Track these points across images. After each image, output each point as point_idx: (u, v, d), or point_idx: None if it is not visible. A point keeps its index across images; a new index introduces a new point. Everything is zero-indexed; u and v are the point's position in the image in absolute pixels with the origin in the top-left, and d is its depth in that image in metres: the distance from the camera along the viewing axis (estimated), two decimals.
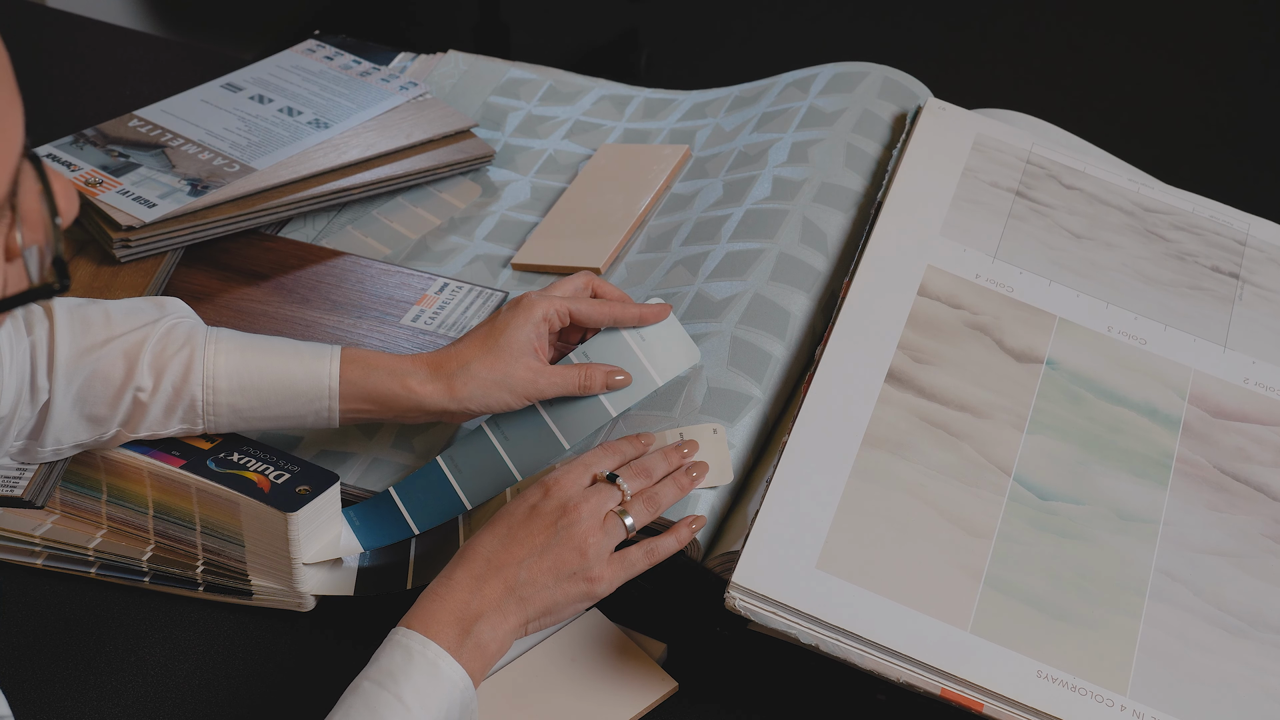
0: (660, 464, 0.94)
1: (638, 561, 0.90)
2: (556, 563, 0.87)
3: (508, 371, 0.95)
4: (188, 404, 0.93)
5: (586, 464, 0.92)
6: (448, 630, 0.84)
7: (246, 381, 0.93)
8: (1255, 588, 0.94)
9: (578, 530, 0.88)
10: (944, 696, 0.87)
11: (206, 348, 0.93)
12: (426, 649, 0.83)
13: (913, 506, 0.94)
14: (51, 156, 1.20)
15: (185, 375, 0.93)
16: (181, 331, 0.94)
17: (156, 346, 0.93)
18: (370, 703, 0.81)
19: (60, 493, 1.00)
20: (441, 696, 0.82)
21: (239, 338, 0.95)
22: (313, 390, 0.94)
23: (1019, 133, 1.22)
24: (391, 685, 0.81)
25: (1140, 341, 1.07)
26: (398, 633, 0.84)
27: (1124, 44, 2.83)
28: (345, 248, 1.21)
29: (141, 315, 0.95)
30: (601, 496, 0.90)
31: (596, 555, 0.88)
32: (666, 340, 1.00)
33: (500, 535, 0.87)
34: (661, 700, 0.92)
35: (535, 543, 0.87)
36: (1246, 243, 1.17)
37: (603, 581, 0.88)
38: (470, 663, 0.84)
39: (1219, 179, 2.00)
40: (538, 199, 1.27)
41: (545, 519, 0.88)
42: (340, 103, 1.30)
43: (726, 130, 1.28)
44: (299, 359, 0.94)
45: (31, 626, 0.97)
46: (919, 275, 1.08)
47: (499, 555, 0.87)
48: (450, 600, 0.85)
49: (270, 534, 0.93)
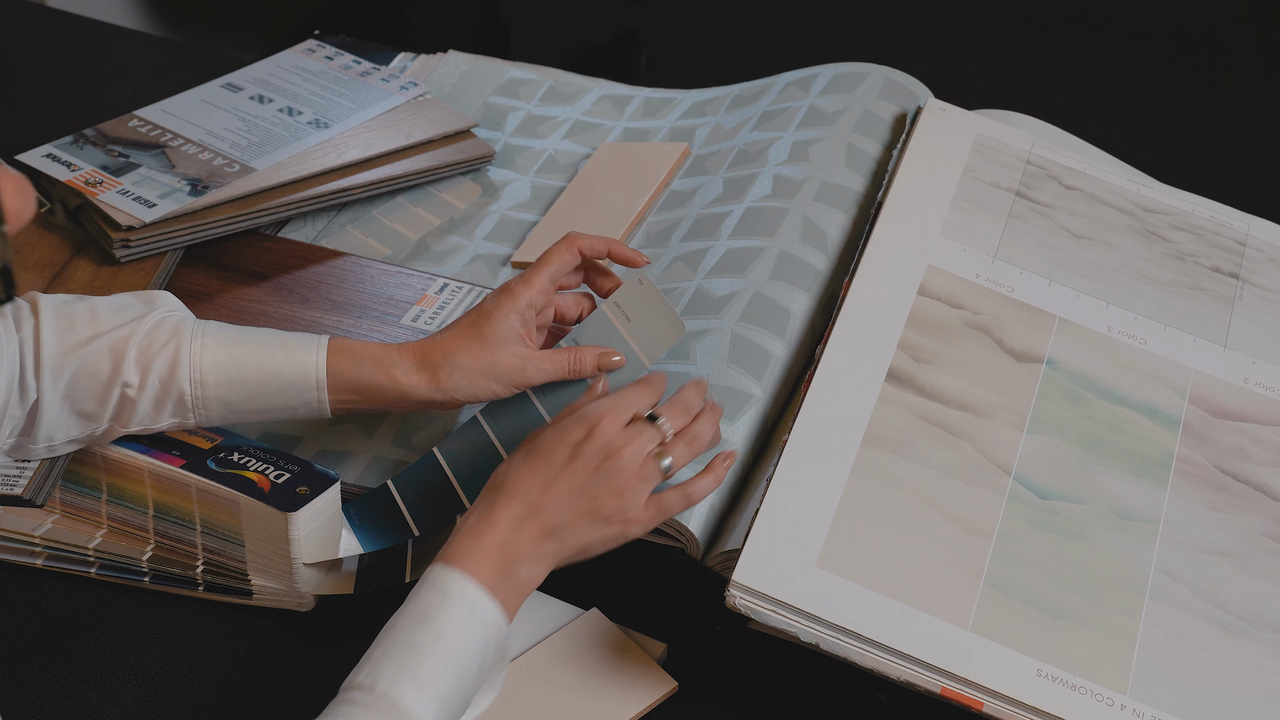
0: (696, 398, 0.93)
1: (674, 505, 0.90)
2: (595, 507, 0.87)
3: (494, 360, 0.95)
4: (176, 398, 0.93)
5: (630, 402, 0.90)
6: (486, 569, 0.84)
7: (234, 375, 0.93)
8: (1255, 588, 0.94)
9: (619, 476, 0.87)
10: (944, 695, 0.87)
11: (193, 342, 0.93)
12: (465, 587, 0.83)
13: (913, 506, 0.94)
14: (51, 156, 1.20)
15: (172, 370, 0.93)
16: (168, 326, 0.94)
17: (142, 342, 0.93)
18: (408, 639, 0.81)
19: (60, 492, 1.00)
20: (478, 634, 0.82)
21: (226, 330, 0.95)
22: (300, 382, 0.94)
23: (1019, 133, 1.22)
24: (429, 622, 0.81)
25: (1140, 341, 1.07)
26: (436, 569, 0.84)
27: (1124, 44, 2.84)
28: (345, 248, 1.21)
29: (128, 311, 0.95)
30: (643, 439, 0.89)
31: (634, 500, 0.88)
32: (651, 318, 0.99)
33: (540, 474, 0.87)
34: (661, 700, 0.92)
35: (576, 485, 0.87)
36: (1246, 243, 1.17)
37: (638, 524, 0.89)
38: (506, 600, 0.84)
39: (1219, 179, 2.01)
40: (538, 198, 1.27)
41: (588, 461, 0.87)
42: (340, 103, 1.30)
43: (726, 129, 1.28)
44: (286, 351, 0.94)
45: (31, 626, 0.97)
46: (919, 275, 1.08)
47: (539, 495, 0.86)
48: (489, 539, 0.85)
49: (270, 534, 0.93)
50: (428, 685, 0.79)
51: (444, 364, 0.95)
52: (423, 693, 0.79)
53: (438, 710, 0.80)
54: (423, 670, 0.80)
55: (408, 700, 0.79)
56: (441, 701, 0.80)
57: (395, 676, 0.79)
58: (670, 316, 0.98)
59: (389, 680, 0.79)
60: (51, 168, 1.19)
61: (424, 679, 0.79)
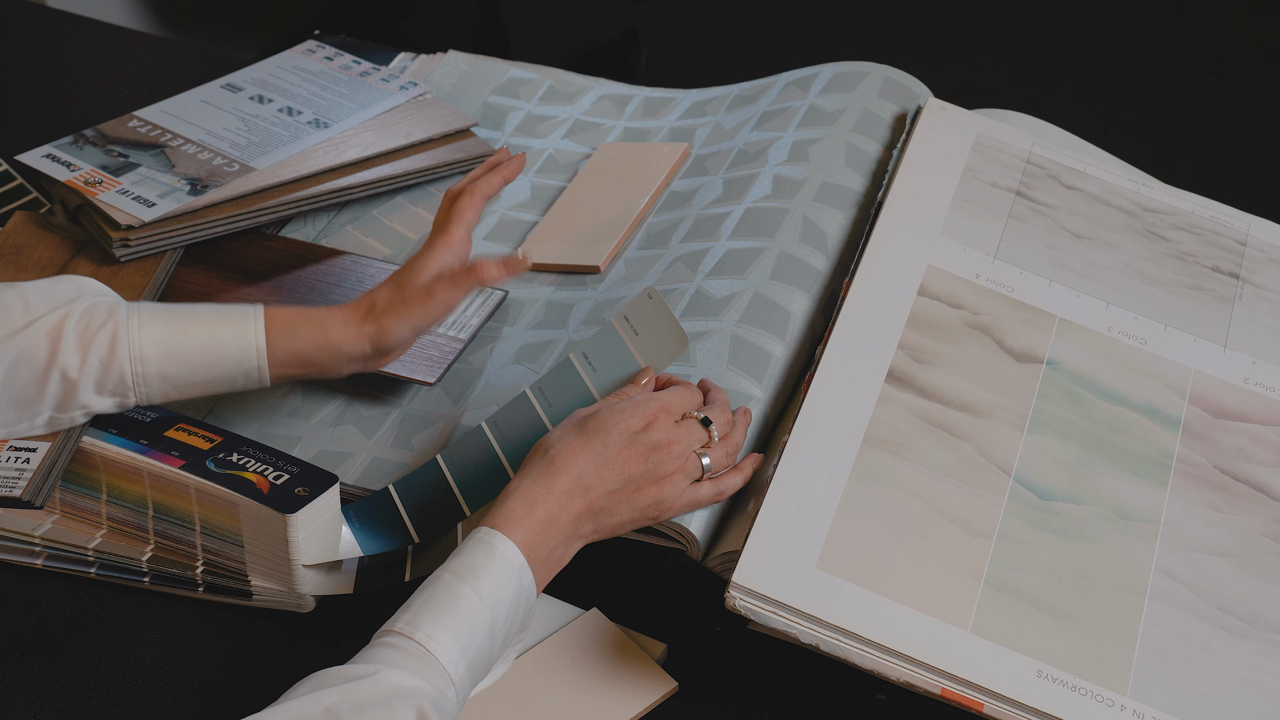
0: (729, 404, 0.97)
1: (706, 498, 0.94)
2: (638, 494, 0.90)
3: (418, 299, 1.00)
4: (117, 378, 0.94)
5: (681, 401, 0.94)
6: (530, 538, 0.86)
7: (175, 350, 0.94)
8: (1255, 588, 0.94)
9: (666, 468, 0.91)
10: (944, 696, 0.87)
11: (129, 320, 0.94)
12: (509, 552, 0.85)
13: (913, 506, 0.94)
14: (51, 157, 1.20)
15: (112, 349, 0.93)
16: (103, 309, 0.95)
17: (79, 324, 0.93)
18: (451, 594, 0.83)
19: (60, 493, 1.00)
20: (514, 599, 0.85)
21: (161, 308, 0.96)
22: (240, 352, 0.96)
23: (1019, 133, 1.22)
24: (471, 579, 0.83)
25: (1140, 341, 1.07)
26: (482, 531, 0.86)
27: (1124, 44, 2.83)
28: (345, 247, 1.21)
29: (60, 295, 0.95)
30: (693, 437, 0.93)
31: (673, 492, 0.91)
32: (657, 331, 0.99)
33: (596, 455, 0.89)
34: (661, 700, 0.92)
35: (626, 473, 0.89)
36: (1246, 243, 1.17)
37: (670, 513, 0.92)
38: (540, 572, 0.87)
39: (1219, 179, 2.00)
40: (537, 198, 1.27)
41: (641, 450, 0.90)
42: (340, 102, 1.30)
43: (726, 128, 1.28)
44: (224, 322, 0.96)
45: (31, 626, 0.97)
46: (919, 275, 1.08)
47: (590, 476, 0.88)
48: (539, 510, 0.87)
49: (269, 535, 0.93)
50: (462, 639, 0.82)
51: (374, 311, 1.00)
52: (456, 646, 0.81)
53: (466, 668, 0.82)
54: (461, 626, 0.82)
55: (444, 652, 0.81)
56: (470, 661, 0.82)
57: (433, 628, 0.81)
58: (675, 330, 0.98)
59: (427, 631, 0.81)
60: (51, 168, 1.19)
61: (460, 634, 0.82)
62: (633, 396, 0.94)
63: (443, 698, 0.79)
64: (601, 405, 0.93)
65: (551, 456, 0.89)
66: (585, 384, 0.98)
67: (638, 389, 0.96)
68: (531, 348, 1.10)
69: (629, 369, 0.98)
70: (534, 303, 1.15)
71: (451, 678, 0.81)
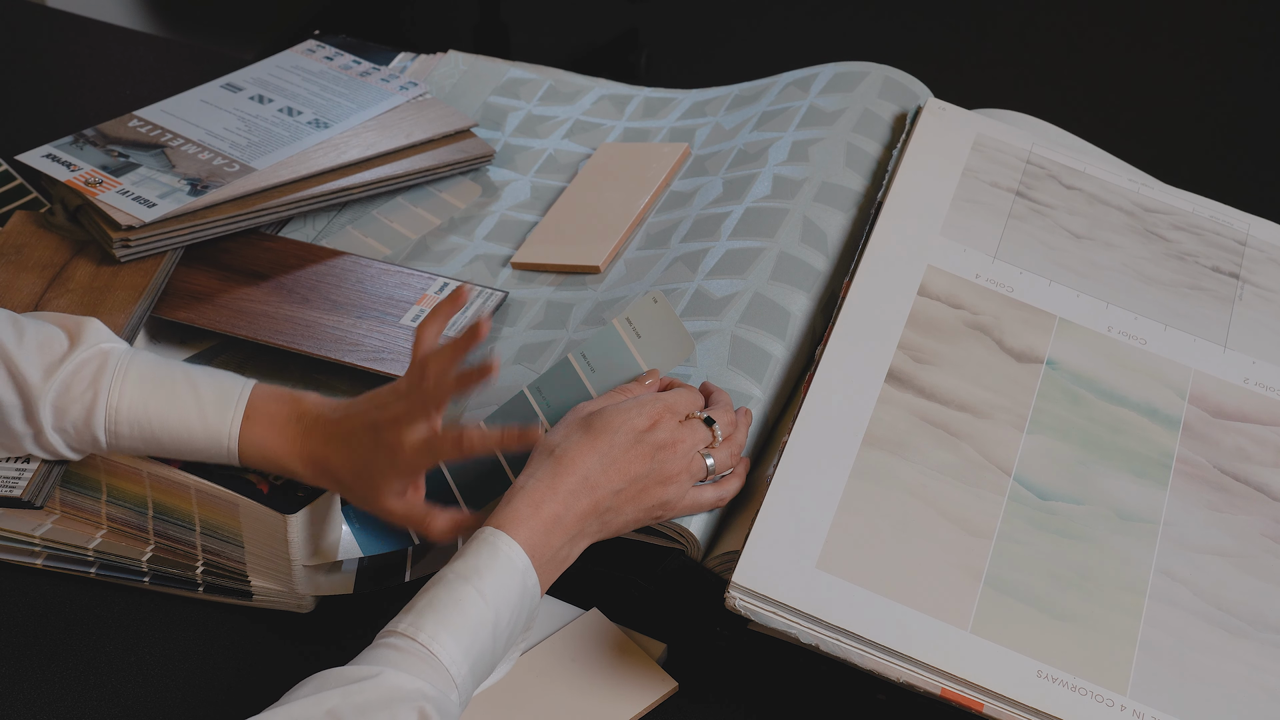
0: (731, 405, 0.96)
1: (708, 502, 0.93)
2: (643, 495, 0.90)
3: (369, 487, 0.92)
4: (90, 441, 0.93)
5: (685, 402, 0.94)
6: (535, 538, 0.86)
7: (147, 433, 0.93)
8: (1255, 588, 0.94)
9: (671, 468, 0.91)
10: (944, 696, 0.87)
11: (111, 391, 0.92)
12: (513, 553, 0.85)
13: (913, 506, 0.94)
14: (51, 157, 1.20)
15: (87, 419, 0.92)
16: (88, 374, 0.93)
17: (60, 388, 0.92)
18: (454, 595, 0.82)
19: (60, 493, 1.00)
20: (518, 600, 0.84)
21: (146, 382, 0.93)
22: (211, 447, 0.93)
23: (1019, 133, 1.22)
24: (475, 580, 0.83)
25: (1140, 341, 1.07)
26: (486, 532, 0.85)
27: (1124, 44, 2.83)
28: (345, 248, 1.21)
29: (50, 352, 0.93)
30: (698, 437, 0.92)
31: (677, 492, 0.91)
32: (661, 335, 0.99)
33: (602, 454, 0.89)
34: (661, 700, 0.92)
35: (632, 472, 0.89)
36: (1246, 243, 1.17)
37: (674, 513, 0.92)
38: (545, 573, 0.87)
39: (1219, 179, 2.00)
40: (538, 198, 1.27)
41: (646, 449, 0.90)
42: (340, 103, 1.30)
43: (726, 129, 1.28)
44: (200, 415, 0.92)
45: (31, 626, 0.97)
46: (919, 275, 1.08)
47: (596, 476, 0.88)
48: (544, 510, 0.87)
49: (269, 536, 0.93)
50: (465, 641, 0.81)
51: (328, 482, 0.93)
52: (459, 647, 0.81)
53: (469, 670, 0.82)
54: (464, 628, 0.82)
55: (447, 654, 0.81)
56: (473, 663, 0.82)
57: (436, 630, 0.81)
58: (681, 334, 0.98)
59: (430, 633, 0.81)
60: (51, 168, 1.19)
61: (463, 636, 0.81)
62: (637, 395, 0.93)
63: (445, 700, 0.79)
64: (605, 402, 0.93)
65: (558, 456, 0.89)
66: (584, 384, 0.98)
67: (641, 388, 0.96)
68: (531, 348, 1.10)
69: (629, 370, 0.98)
70: (534, 303, 1.15)
71: (454, 680, 0.81)
